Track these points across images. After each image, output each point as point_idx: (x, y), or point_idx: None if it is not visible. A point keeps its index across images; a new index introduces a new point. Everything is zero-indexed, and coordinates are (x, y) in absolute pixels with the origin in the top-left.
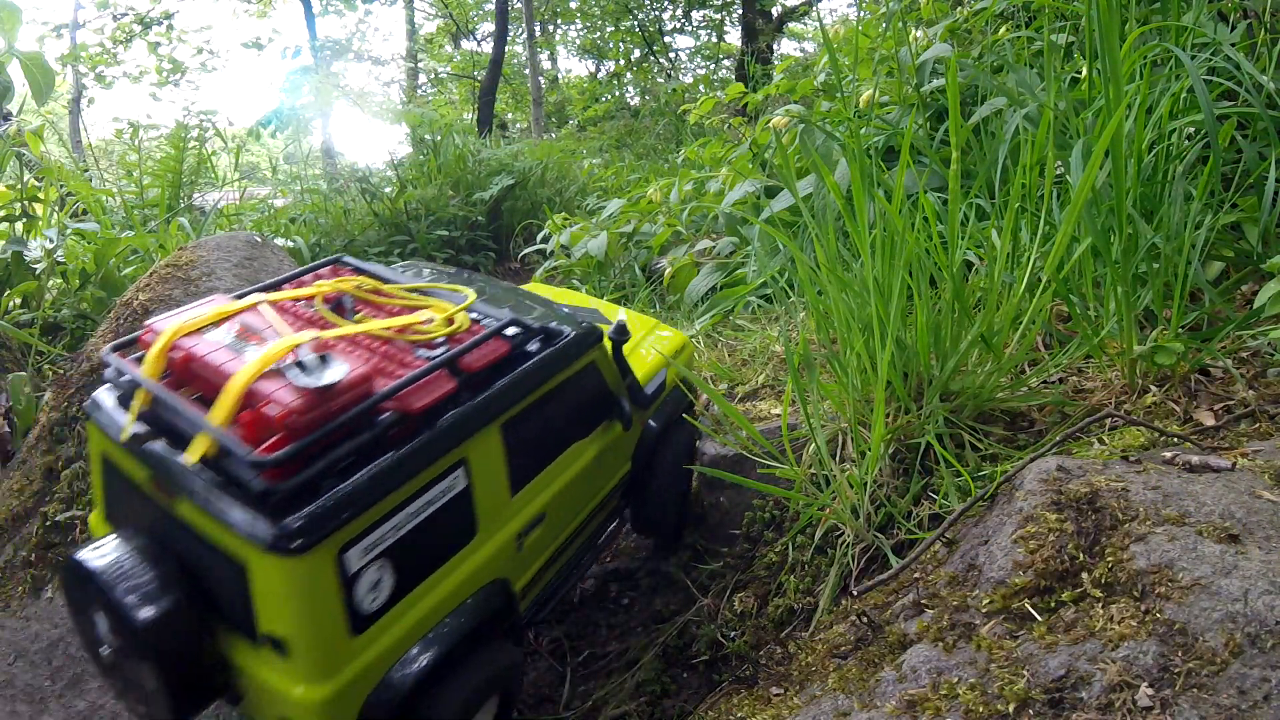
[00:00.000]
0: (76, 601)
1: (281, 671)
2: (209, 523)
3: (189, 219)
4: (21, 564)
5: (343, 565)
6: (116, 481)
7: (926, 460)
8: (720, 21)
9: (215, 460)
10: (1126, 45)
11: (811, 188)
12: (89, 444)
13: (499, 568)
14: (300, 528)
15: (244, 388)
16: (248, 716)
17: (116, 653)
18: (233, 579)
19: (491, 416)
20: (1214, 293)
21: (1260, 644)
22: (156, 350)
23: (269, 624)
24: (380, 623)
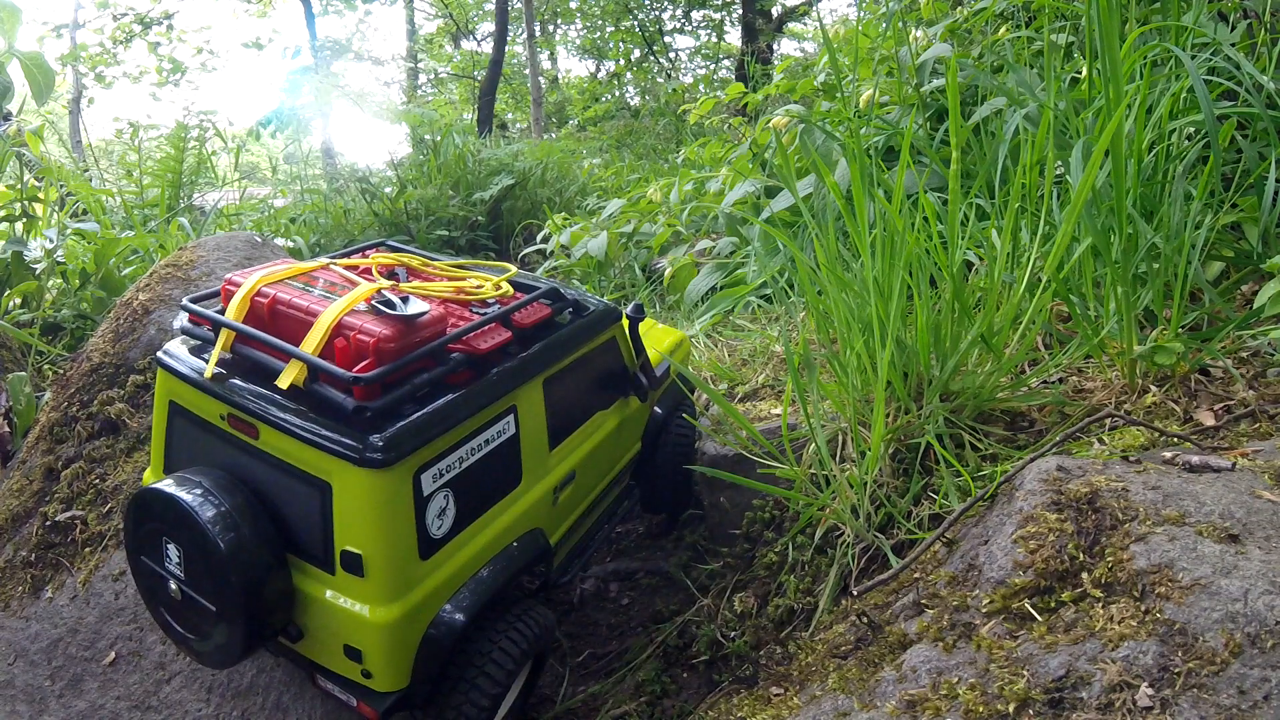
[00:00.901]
0: (145, 535)
1: (354, 594)
2: (293, 446)
3: (189, 219)
4: (21, 564)
5: (418, 486)
6: (185, 425)
7: (926, 460)
8: (720, 21)
9: (304, 386)
10: (1126, 45)
11: (811, 188)
12: (155, 393)
13: (538, 517)
14: (386, 442)
15: (335, 321)
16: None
17: (186, 585)
18: (312, 502)
19: (537, 370)
20: (1214, 293)
21: (1260, 644)
22: (243, 295)
23: (347, 541)
24: (443, 551)
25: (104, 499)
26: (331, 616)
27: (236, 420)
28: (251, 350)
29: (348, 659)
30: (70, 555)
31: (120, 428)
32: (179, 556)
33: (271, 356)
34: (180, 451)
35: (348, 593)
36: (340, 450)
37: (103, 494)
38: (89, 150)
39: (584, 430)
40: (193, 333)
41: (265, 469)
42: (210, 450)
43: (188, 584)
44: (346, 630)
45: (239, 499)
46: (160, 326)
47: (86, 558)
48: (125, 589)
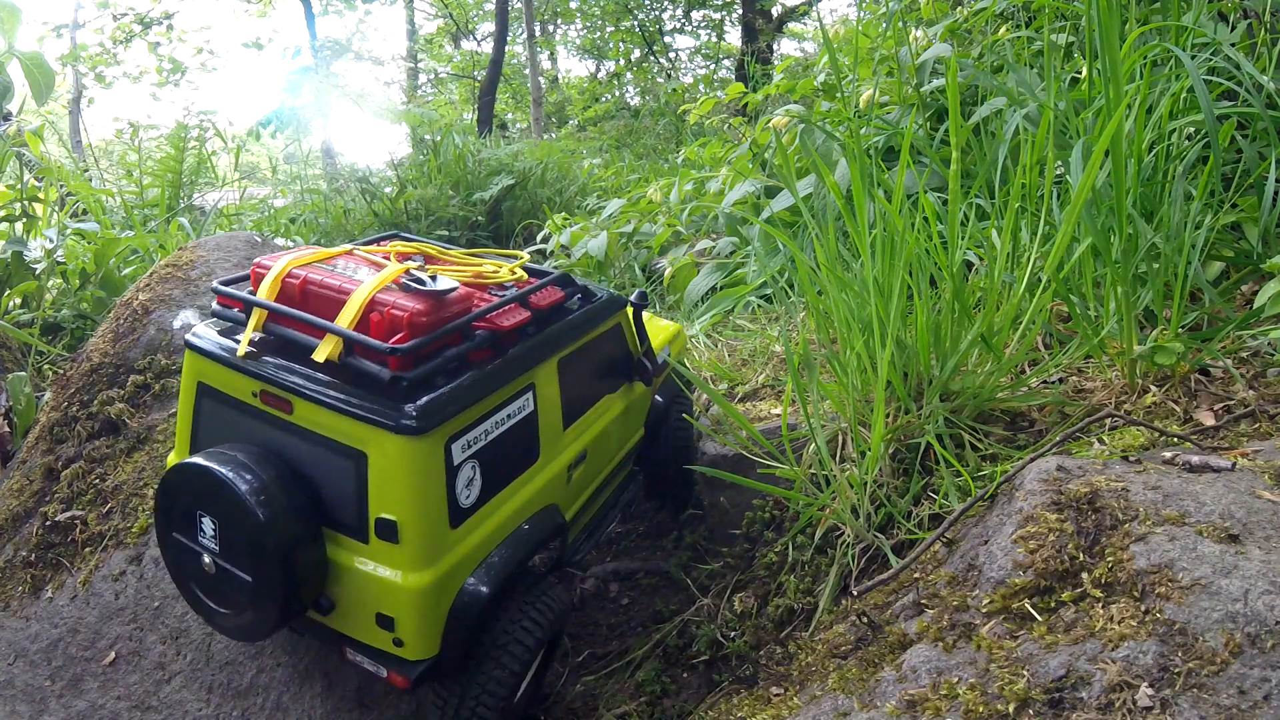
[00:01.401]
0: (178, 510)
1: (387, 561)
2: (329, 418)
3: (189, 219)
4: (21, 564)
5: (449, 455)
6: (214, 405)
7: (926, 460)
8: (720, 21)
9: (339, 360)
10: (1126, 45)
11: (811, 188)
12: (182, 376)
13: (554, 494)
14: (421, 411)
15: (368, 298)
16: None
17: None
18: (347, 473)
19: (553, 350)
20: (1214, 293)
21: (1260, 644)
22: (275, 277)
23: (382, 508)
24: (470, 521)
25: (104, 499)
26: (364, 585)
27: (269, 396)
28: (284, 328)
29: (379, 628)
30: (70, 555)
31: (120, 428)
32: (214, 529)
33: (304, 334)
34: (208, 431)
35: (381, 560)
36: (377, 418)
37: (103, 494)
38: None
39: (594, 412)
40: (223, 315)
41: (298, 443)
42: (241, 428)
43: (222, 557)
44: (379, 598)
45: (274, 471)
46: (160, 326)
47: (86, 558)
48: (125, 589)
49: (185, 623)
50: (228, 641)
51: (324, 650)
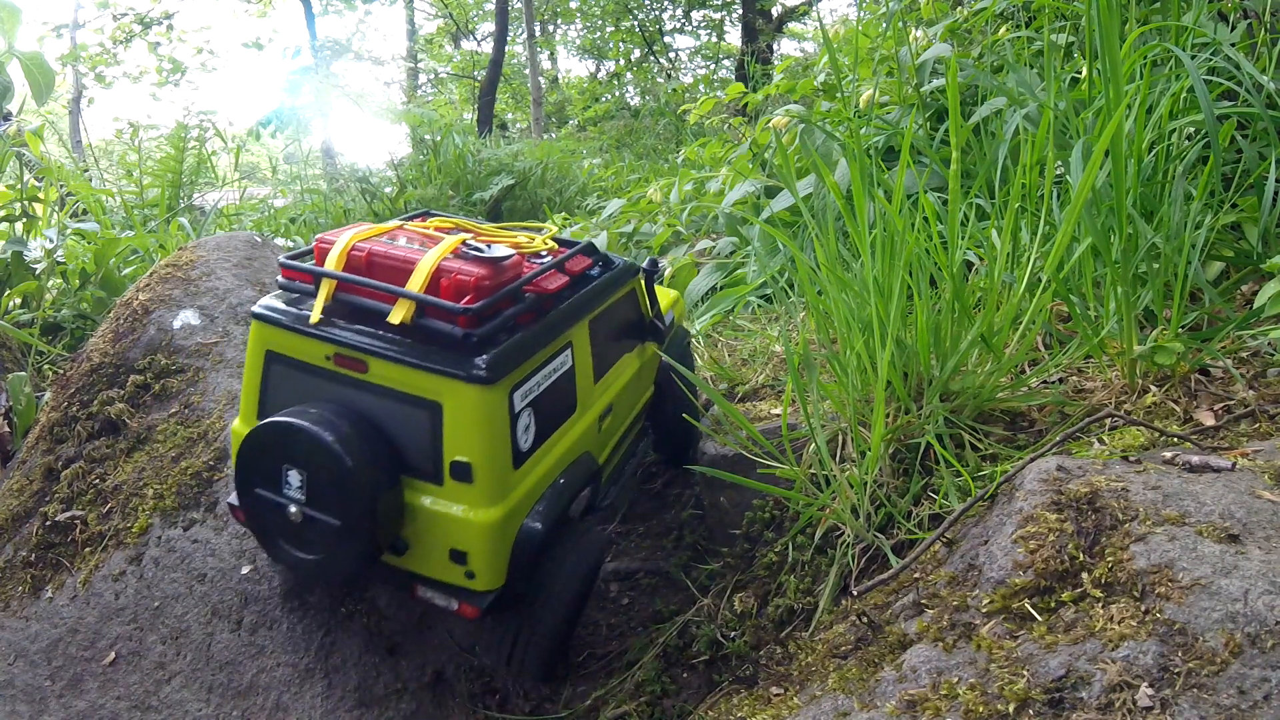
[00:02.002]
0: (262, 467)
1: (461, 500)
2: (404, 374)
3: (189, 219)
4: (21, 564)
5: (511, 403)
6: (284, 370)
7: (926, 460)
8: (720, 21)
9: (411, 322)
10: (1126, 45)
11: (811, 188)
12: (249, 346)
13: (589, 441)
14: (492, 362)
15: (435, 265)
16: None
17: (308, 506)
18: (422, 423)
19: (586, 311)
20: (1214, 293)
21: (1260, 644)
22: (341, 250)
23: (457, 452)
24: (527, 464)
25: (104, 499)
26: (438, 524)
27: (344, 358)
28: (352, 296)
29: (452, 563)
30: (70, 555)
31: (120, 428)
32: (301, 480)
33: (374, 300)
34: (277, 396)
35: (455, 500)
36: (453, 371)
37: (103, 494)
38: (89, 150)
39: (616, 368)
40: (289, 287)
41: (373, 399)
42: (312, 389)
43: (310, 505)
44: (453, 535)
45: (354, 424)
46: (160, 326)
47: (86, 558)
48: (125, 589)
49: (185, 623)
50: (228, 641)
51: (324, 650)
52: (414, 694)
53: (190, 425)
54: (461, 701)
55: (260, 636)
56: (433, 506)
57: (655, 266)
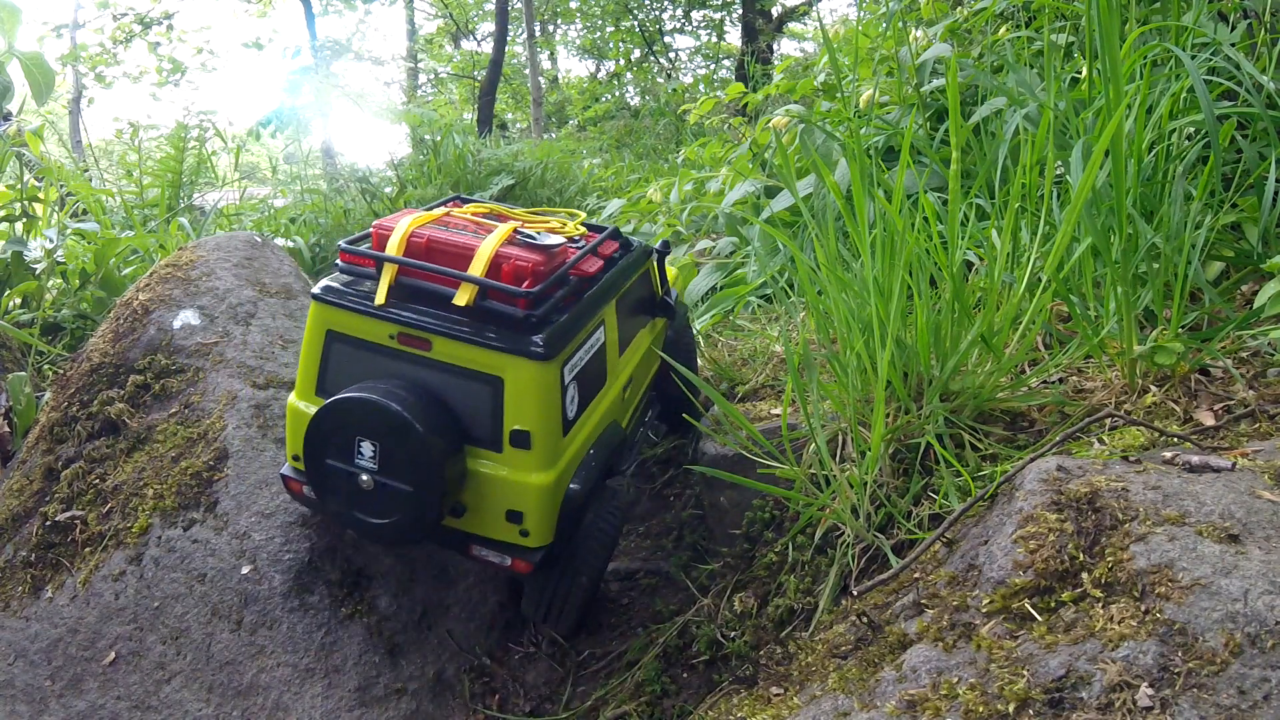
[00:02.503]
0: (335, 440)
1: (519, 465)
2: (469, 351)
3: (189, 219)
4: (21, 564)
5: (562, 376)
6: (345, 349)
7: (926, 460)
8: (720, 21)
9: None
10: (1126, 45)
11: (811, 188)
12: (309, 326)
13: (615, 410)
14: (547, 339)
15: (494, 251)
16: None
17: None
18: (483, 396)
19: (615, 290)
20: (1214, 293)
21: (1260, 644)
22: (401, 237)
23: (516, 421)
24: (573, 430)
25: (104, 499)
26: (497, 487)
27: (407, 337)
28: (413, 280)
29: (508, 523)
30: (70, 555)
31: (120, 428)
32: (374, 451)
33: (435, 283)
34: (338, 372)
35: (514, 464)
36: (515, 349)
37: (103, 494)
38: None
39: (635, 342)
40: (349, 270)
41: (436, 375)
42: (374, 366)
43: (381, 473)
44: (510, 496)
45: (421, 398)
46: (160, 326)
47: (86, 558)
48: (125, 589)
49: (185, 623)
50: (228, 641)
51: (324, 650)
52: (414, 694)
53: (190, 425)
54: (461, 701)
55: (260, 636)
56: (492, 471)
57: (667, 248)
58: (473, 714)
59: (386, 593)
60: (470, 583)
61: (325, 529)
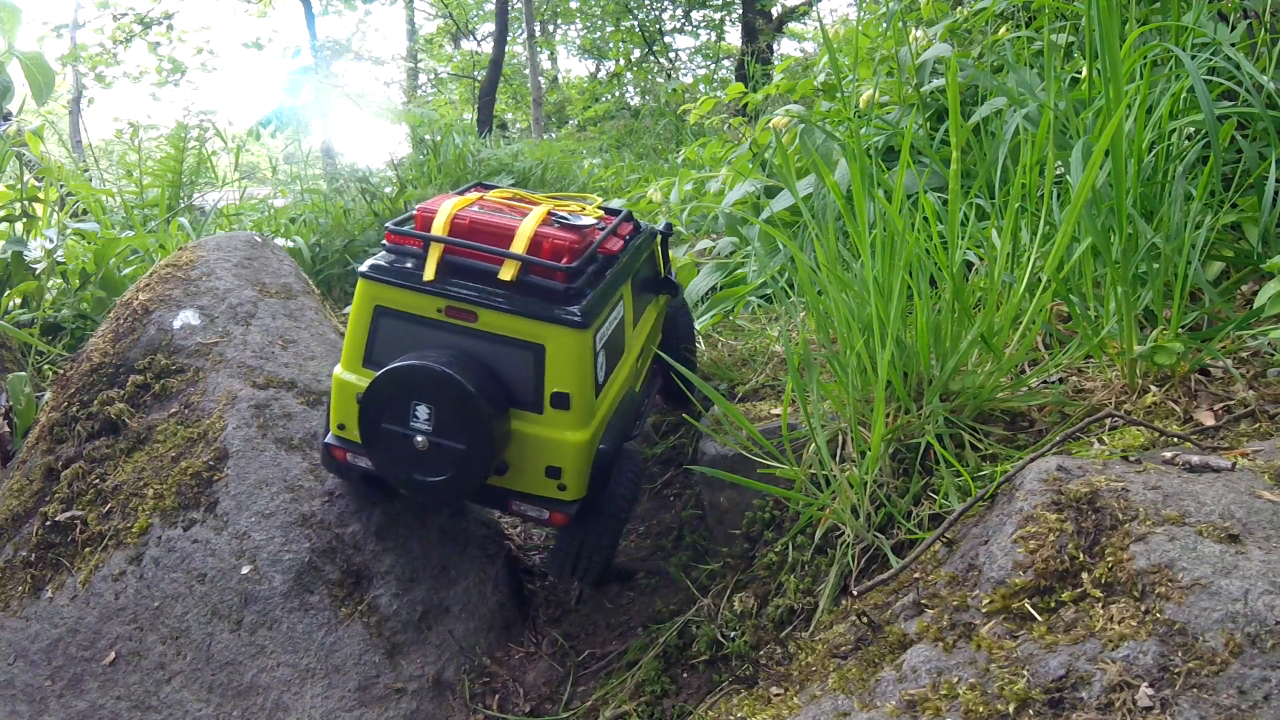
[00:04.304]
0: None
1: (559, 424)
2: (513, 322)
3: (189, 219)
4: (21, 564)
5: (595, 343)
6: (393, 322)
7: (926, 460)
8: (720, 21)
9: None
10: (1126, 45)
11: (811, 188)
12: (357, 302)
13: (631, 379)
14: (584, 310)
15: (534, 231)
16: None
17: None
18: (525, 362)
19: (631, 268)
20: (1214, 293)
21: (1260, 644)
22: (445, 219)
23: (557, 385)
24: (601, 393)
25: (104, 499)
26: (537, 446)
27: (455, 310)
28: (456, 257)
29: (547, 478)
30: (70, 555)
31: (120, 428)
32: (429, 413)
33: (479, 260)
34: (386, 344)
35: (554, 424)
36: (556, 318)
37: (103, 494)
38: (89, 150)
39: (644, 316)
40: (396, 250)
41: (481, 344)
42: (421, 338)
43: (436, 434)
44: (550, 454)
45: (470, 364)
46: (160, 326)
47: (86, 558)
48: (125, 589)
49: (185, 623)
50: (228, 641)
51: (324, 650)
52: (414, 694)
53: (190, 425)
54: (461, 701)
55: (260, 636)
56: (534, 431)
57: (670, 230)
58: (473, 714)
59: (386, 593)
60: (470, 583)
61: (325, 529)
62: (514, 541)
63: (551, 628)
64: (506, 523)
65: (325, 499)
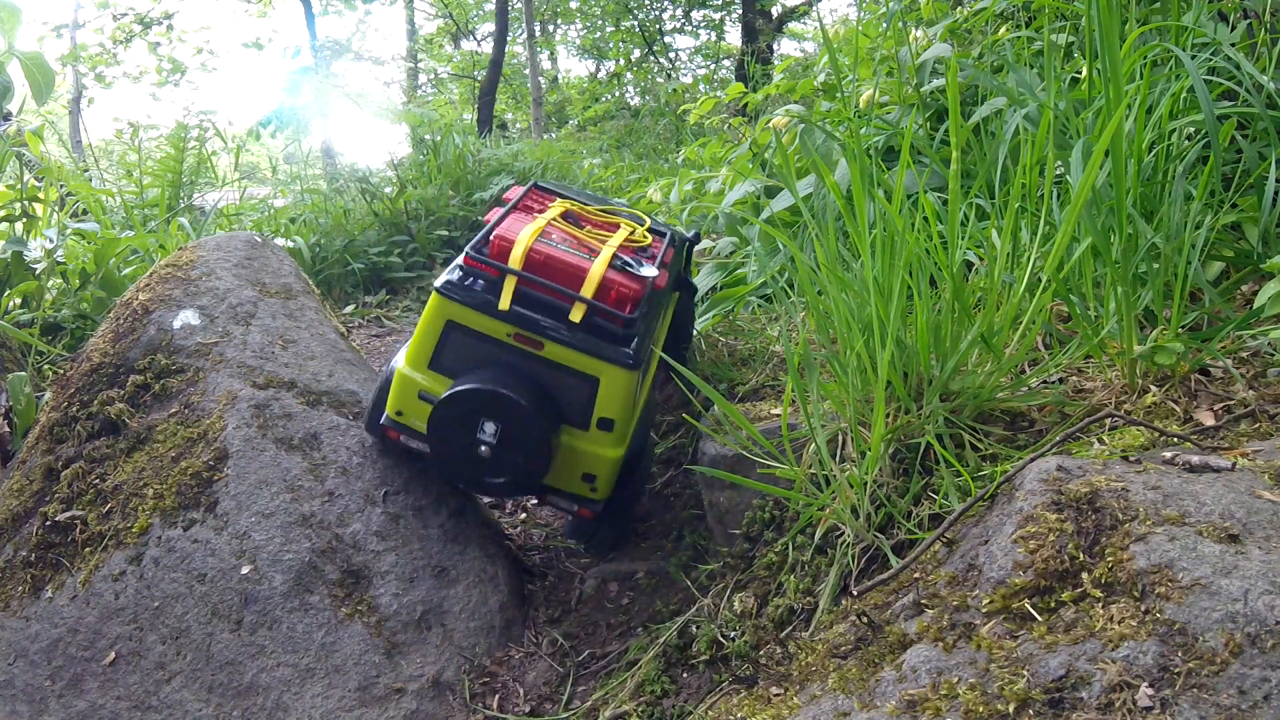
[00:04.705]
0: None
1: (600, 443)
2: (575, 356)
3: (189, 219)
4: (21, 564)
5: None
6: (462, 338)
7: (926, 460)
8: (720, 21)
9: (583, 319)
10: (1126, 45)
11: (811, 188)
12: (430, 313)
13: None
14: (635, 352)
15: (600, 277)
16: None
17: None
18: (580, 390)
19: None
20: (1214, 293)
21: (1260, 644)
22: (522, 251)
23: (605, 412)
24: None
25: (104, 499)
26: (580, 457)
27: (523, 338)
28: (530, 290)
29: (583, 482)
30: (70, 555)
31: (120, 428)
32: (495, 429)
33: (550, 296)
34: (452, 355)
35: (596, 441)
36: (613, 358)
37: (103, 494)
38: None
39: (668, 306)
40: (470, 272)
41: (543, 369)
42: (486, 354)
43: (499, 447)
44: (589, 464)
45: (533, 386)
46: (160, 326)
47: (86, 558)
48: (125, 589)
49: (185, 623)
50: (228, 641)
51: (324, 650)
52: (414, 694)
53: (190, 425)
54: (461, 701)
55: (260, 636)
56: (579, 445)
57: (699, 239)
58: (473, 714)
59: (386, 593)
60: (470, 582)
61: (325, 529)
62: (514, 541)
63: (551, 628)
64: (506, 523)
65: (325, 499)
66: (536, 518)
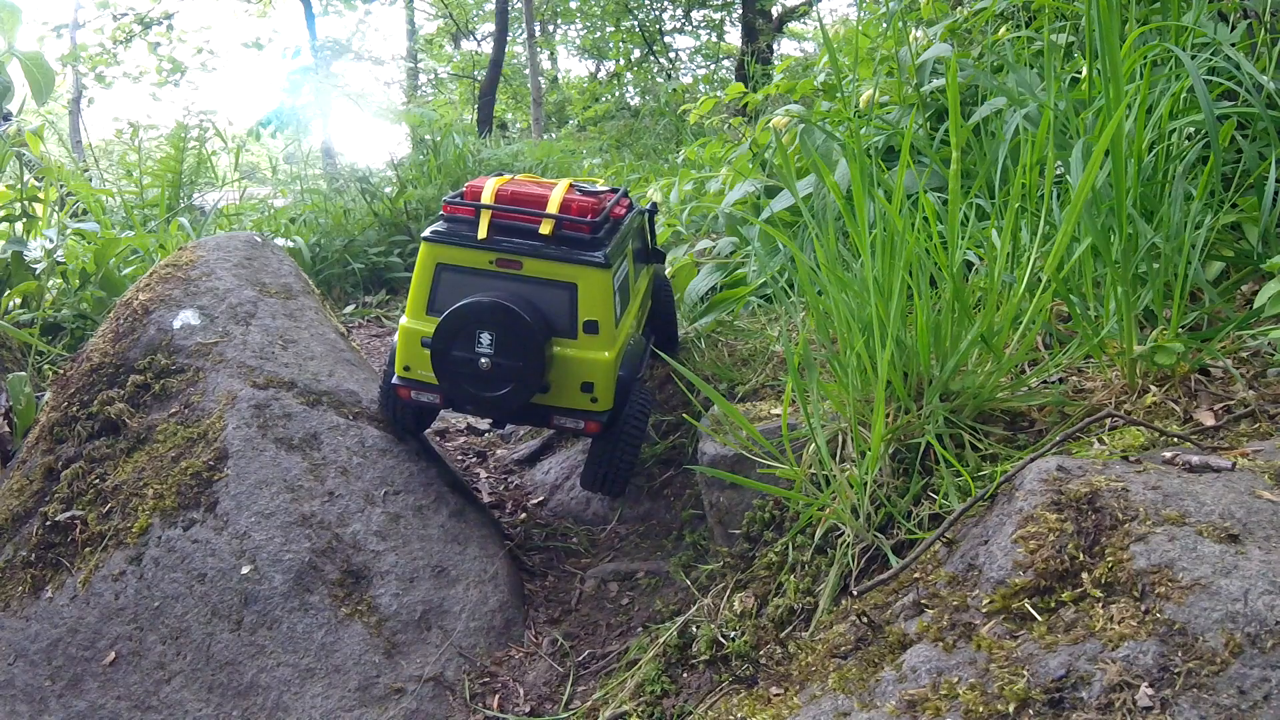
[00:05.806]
0: (460, 333)
1: (590, 347)
2: (552, 266)
3: (189, 219)
4: (21, 564)
5: (614, 281)
6: (452, 276)
7: (926, 460)
8: (720, 21)
9: (552, 233)
10: (1126, 45)
11: (811, 188)
12: (421, 262)
13: (636, 324)
14: (606, 254)
15: (563, 196)
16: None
17: (496, 357)
18: (562, 299)
19: (631, 231)
20: (1214, 293)
21: (1260, 644)
22: (491, 190)
23: (588, 314)
24: (619, 324)
25: (104, 499)
26: (574, 366)
27: (504, 261)
28: (502, 220)
29: (582, 393)
30: (70, 555)
31: (120, 428)
32: (491, 339)
33: (520, 221)
34: (445, 294)
35: (586, 346)
36: (586, 261)
37: (103, 494)
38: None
39: (640, 278)
40: (451, 219)
41: (526, 286)
42: (475, 286)
43: (497, 356)
44: (584, 371)
45: (520, 300)
46: (160, 326)
47: (86, 558)
48: (125, 589)
49: (185, 623)
50: (228, 641)
51: (324, 650)
52: (414, 694)
53: (190, 425)
54: (461, 701)
55: (260, 636)
56: (570, 353)
57: (656, 209)
58: (473, 714)
59: (386, 593)
60: (470, 582)
61: (325, 529)
62: (514, 541)
63: (551, 628)
64: (506, 523)
65: (325, 499)
66: (536, 518)
